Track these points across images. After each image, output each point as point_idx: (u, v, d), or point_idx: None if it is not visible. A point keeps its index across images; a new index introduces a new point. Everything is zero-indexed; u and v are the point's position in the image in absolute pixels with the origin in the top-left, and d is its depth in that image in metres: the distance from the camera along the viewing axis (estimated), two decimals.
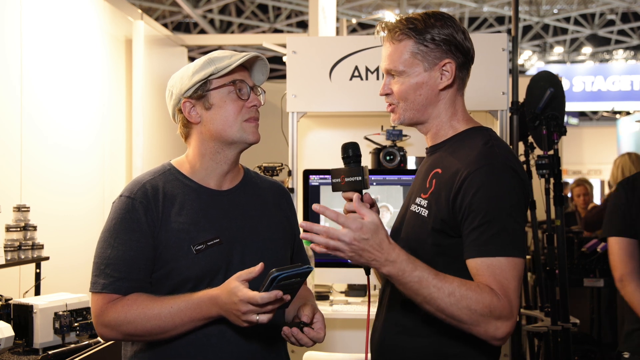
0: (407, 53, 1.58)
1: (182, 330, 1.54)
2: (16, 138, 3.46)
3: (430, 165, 1.63)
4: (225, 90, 1.64)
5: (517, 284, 1.44)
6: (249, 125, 1.66)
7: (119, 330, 1.55)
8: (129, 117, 4.86)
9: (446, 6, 13.60)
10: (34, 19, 3.65)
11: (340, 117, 3.64)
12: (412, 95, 1.60)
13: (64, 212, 3.87)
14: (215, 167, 1.69)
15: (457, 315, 1.40)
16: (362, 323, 3.27)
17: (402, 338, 1.59)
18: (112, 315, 1.54)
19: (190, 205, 1.64)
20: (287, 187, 3.23)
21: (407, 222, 1.62)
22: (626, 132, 12.67)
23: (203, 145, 1.67)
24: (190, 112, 1.66)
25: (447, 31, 1.58)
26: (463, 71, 1.64)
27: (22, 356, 2.29)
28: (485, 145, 1.54)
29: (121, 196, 1.64)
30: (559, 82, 3.58)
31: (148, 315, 1.52)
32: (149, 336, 1.56)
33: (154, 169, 1.72)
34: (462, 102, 1.67)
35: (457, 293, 1.39)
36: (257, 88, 1.71)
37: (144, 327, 1.53)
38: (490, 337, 1.42)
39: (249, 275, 1.46)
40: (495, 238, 1.44)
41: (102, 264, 1.58)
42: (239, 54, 1.66)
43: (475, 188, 1.46)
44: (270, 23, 13.44)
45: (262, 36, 8.88)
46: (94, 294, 1.58)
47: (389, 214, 3.04)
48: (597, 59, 16.76)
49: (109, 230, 1.61)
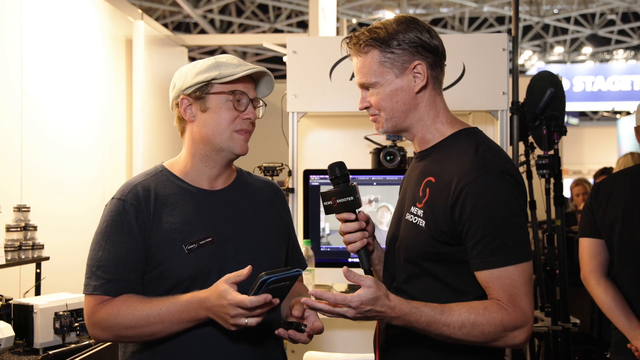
0: (375, 63, 1.57)
1: (170, 331, 1.54)
2: (16, 138, 3.46)
3: (422, 172, 1.61)
4: (223, 98, 1.64)
5: (527, 289, 1.46)
6: (238, 137, 1.66)
7: (109, 331, 1.56)
8: (129, 117, 4.86)
9: (446, 6, 13.61)
10: (34, 19, 3.65)
11: (341, 117, 3.64)
12: (390, 103, 1.58)
13: (64, 212, 3.87)
14: (205, 170, 1.69)
15: (474, 342, 1.45)
16: (362, 323, 3.27)
17: (408, 337, 1.59)
18: (102, 316, 1.55)
19: (182, 205, 1.64)
20: (288, 187, 3.23)
21: (404, 232, 1.62)
22: (626, 132, 12.67)
23: (194, 145, 1.68)
24: (186, 109, 1.67)
25: (411, 34, 1.56)
26: (436, 69, 1.60)
27: (23, 356, 2.29)
28: (477, 152, 1.52)
29: (113, 199, 1.65)
30: (559, 82, 3.58)
31: (137, 317, 1.53)
32: (139, 337, 1.56)
33: (146, 170, 1.73)
34: (442, 101, 1.64)
35: (467, 324, 1.43)
36: (258, 101, 1.70)
37: (133, 328, 1.53)
38: (511, 346, 1.47)
39: (238, 278, 1.46)
40: (500, 248, 1.44)
41: (93, 266, 1.60)
42: (246, 66, 1.66)
43: (473, 200, 1.45)
44: (271, 23, 13.44)
45: (263, 36, 8.87)
46: (86, 296, 1.60)
47: (389, 214, 3.04)
48: (598, 59, 16.77)
49: (100, 232, 1.62)
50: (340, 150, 3.61)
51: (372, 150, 3.30)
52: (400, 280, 1.61)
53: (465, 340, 1.45)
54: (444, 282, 1.53)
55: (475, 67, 3.16)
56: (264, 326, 1.50)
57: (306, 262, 2.00)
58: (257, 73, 1.69)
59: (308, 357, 2.47)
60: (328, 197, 1.57)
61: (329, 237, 3.06)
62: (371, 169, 3.24)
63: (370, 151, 3.30)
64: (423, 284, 1.56)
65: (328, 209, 1.58)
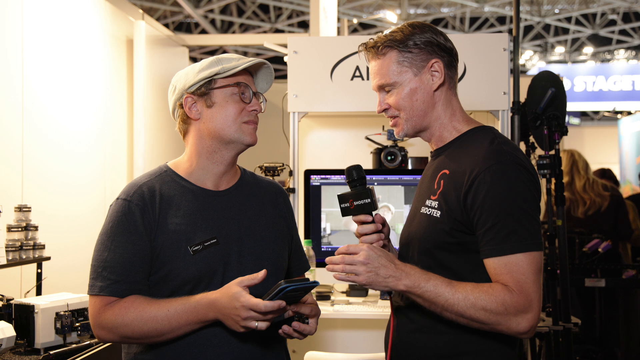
0: (394, 63, 1.62)
1: (178, 333, 1.54)
2: (17, 138, 3.46)
3: (437, 167, 1.65)
4: (228, 91, 1.66)
5: (535, 277, 1.46)
6: (247, 127, 1.67)
7: (115, 332, 1.55)
8: (130, 117, 4.86)
9: (447, 6, 13.59)
10: (35, 19, 3.65)
11: (342, 117, 3.64)
12: (409, 103, 1.63)
13: (66, 212, 3.87)
14: (211, 167, 1.69)
15: (476, 317, 1.45)
16: (363, 323, 3.27)
17: (418, 336, 1.60)
18: (109, 317, 1.54)
19: (187, 206, 1.64)
20: (288, 187, 3.23)
21: (419, 224, 1.64)
22: (628, 132, 12.65)
23: (200, 143, 1.68)
24: (191, 107, 1.67)
25: (427, 35, 1.62)
26: (451, 69, 1.66)
27: (24, 356, 2.29)
28: (492, 144, 1.56)
29: (118, 199, 1.65)
30: (560, 82, 3.57)
31: (145, 318, 1.52)
32: (146, 339, 1.56)
33: (150, 171, 1.73)
34: (457, 101, 1.69)
35: (471, 296, 1.45)
36: (259, 95, 1.73)
37: (140, 329, 1.53)
38: (514, 332, 1.46)
39: (252, 281, 1.47)
40: (510, 236, 1.46)
41: (99, 267, 1.59)
42: (247, 58, 1.68)
43: (486, 187, 1.48)
44: (272, 23, 13.44)
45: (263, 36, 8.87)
46: (91, 297, 1.59)
47: (390, 214, 3.04)
48: (599, 58, 16.75)
49: (106, 233, 1.62)
50: (341, 151, 3.61)
51: (373, 150, 3.30)
52: None
53: (469, 315, 1.45)
54: (458, 274, 1.55)
55: (476, 67, 3.16)
56: (269, 330, 1.51)
57: (309, 263, 2.00)
58: (255, 68, 1.71)
59: (309, 357, 2.47)
60: (345, 200, 1.59)
61: (329, 237, 3.06)
62: (372, 169, 3.25)
63: (371, 151, 3.30)
64: None
65: (345, 211, 1.61)
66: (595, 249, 4.25)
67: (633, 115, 13.51)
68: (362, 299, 3.14)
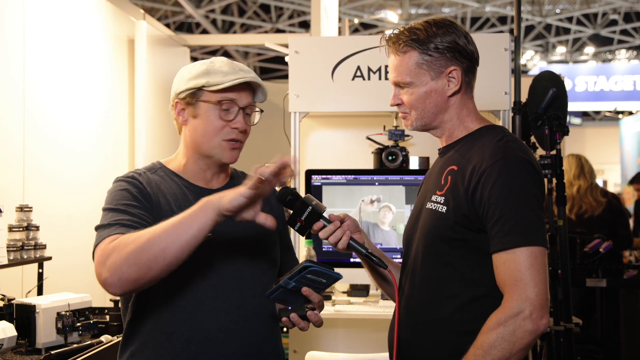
0: (413, 64, 1.61)
1: (181, 243, 1.44)
2: (19, 138, 3.47)
3: (444, 163, 1.65)
4: (211, 106, 1.64)
5: (534, 273, 1.44)
6: (227, 145, 1.65)
7: (117, 263, 1.44)
8: (132, 117, 4.86)
9: (448, 6, 13.60)
10: (37, 19, 3.65)
11: (343, 117, 3.64)
12: (422, 104, 1.63)
13: (67, 212, 3.87)
14: (199, 172, 1.70)
15: (497, 357, 1.43)
16: (364, 323, 3.27)
17: (422, 336, 1.60)
18: (110, 246, 1.47)
19: (180, 200, 1.64)
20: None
21: (424, 219, 1.64)
22: (629, 132, 12.64)
23: (187, 148, 1.70)
24: (179, 113, 1.68)
25: (449, 38, 1.61)
26: (469, 75, 1.66)
27: (25, 356, 2.29)
28: (500, 140, 1.57)
29: (116, 180, 1.65)
30: (561, 82, 3.57)
31: (143, 237, 1.44)
32: (147, 260, 1.43)
33: (143, 167, 1.74)
34: (472, 103, 1.69)
35: (478, 351, 1.43)
36: (252, 107, 1.69)
37: (141, 247, 1.43)
38: (530, 336, 1.43)
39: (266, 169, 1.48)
40: (514, 229, 1.46)
41: (105, 224, 1.53)
42: (235, 75, 1.62)
43: (493, 181, 1.49)
44: (273, 23, 13.44)
45: (265, 36, 8.88)
46: (98, 246, 1.50)
47: (391, 214, 3.04)
48: (600, 58, 16.74)
49: (109, 202, 1.59)
50: (342, 150, 3.61)
51: (374, 150, 3.29)
52: (415, 268, 1.63)
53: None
54: (458, 270, 1.55)
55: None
56: (265, 321, 1.49)
57: (299, 261, 2.00)
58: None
59: (310, 357, 2.47)
60: (293, 222, 1.60)
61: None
62: (373, 169, 3.24)
63: (372, 151, 3.30)
64: (435, 273, 1.58)
65: (301, 231, 1.61)
66: (597, 249, 4.25)
67: (634, 115, 13.51)
68: (364, 298, 3.14)
